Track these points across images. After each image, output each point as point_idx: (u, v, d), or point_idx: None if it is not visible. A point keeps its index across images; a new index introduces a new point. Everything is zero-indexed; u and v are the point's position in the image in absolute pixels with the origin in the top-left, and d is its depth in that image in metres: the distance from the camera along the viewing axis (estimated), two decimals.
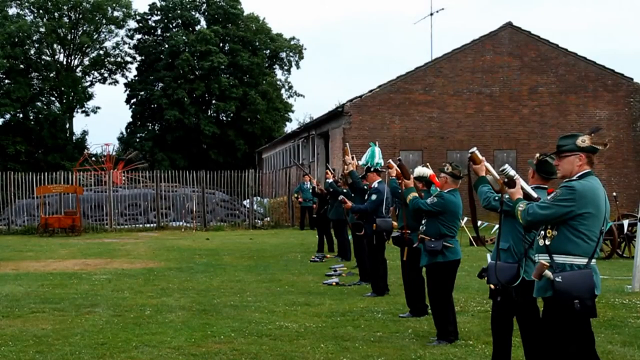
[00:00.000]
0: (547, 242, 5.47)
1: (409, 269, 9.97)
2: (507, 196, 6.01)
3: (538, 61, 30.32)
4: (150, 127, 56.61)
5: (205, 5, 56.61)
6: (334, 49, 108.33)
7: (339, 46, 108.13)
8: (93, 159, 37.50)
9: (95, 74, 58.17)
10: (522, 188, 5.88)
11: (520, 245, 6.45)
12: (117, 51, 57.87)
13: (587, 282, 5.32)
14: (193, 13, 56.53)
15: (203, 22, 56.58)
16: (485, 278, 6.73)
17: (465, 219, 16.06)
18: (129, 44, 57.75)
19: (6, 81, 51.82)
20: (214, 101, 55.09)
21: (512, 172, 5.87)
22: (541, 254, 5.52)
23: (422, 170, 9.65)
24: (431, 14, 34.93)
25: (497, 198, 6.46)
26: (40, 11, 54.08)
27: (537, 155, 6.44)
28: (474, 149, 6.52)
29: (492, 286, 6.63)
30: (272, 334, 8.90)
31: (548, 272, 5.41)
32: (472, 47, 30.22)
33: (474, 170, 6.56)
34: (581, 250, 5.37)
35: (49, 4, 53.23)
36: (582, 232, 5.36)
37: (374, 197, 11.81)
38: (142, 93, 55.78)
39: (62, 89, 55.12)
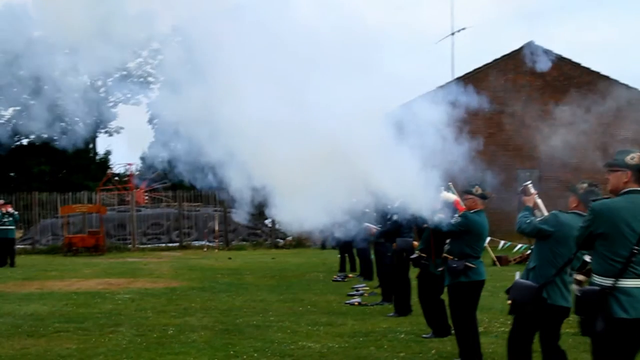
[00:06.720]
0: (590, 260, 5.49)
1: (424, 292, 9.95)
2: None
3: (561, 80, 30.21)
4: (172, 146, 56.78)
5: None
6: None
7: None
8: (116, 178, 37.73)
9: (118, 94, 58.67)
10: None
11: (546, 267, 6.32)
12: (140, 72, 58.39)
13: (597, 301, 5.15)
14: None
15: None
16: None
17: (489, 238, 15.92)
18: (152, 64, 58.18)
19: (31, 102, 52.42)
20: None
21: None
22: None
23: (446, 196, 9.32)
24: (452, 34, 34.91)
25: (528, 221, 6.50)
26: None
27: (584, 184, 6.43)
28: (529, 182, 6.90)
29: (509, 302, 6.57)
30: (294, 354, 8.90)
31: (575, 287, 5.44)
32: (494, 66, 30.19)
33: (523, 200, 6.84)
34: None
35: None
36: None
37: (395, 217, 11.77)
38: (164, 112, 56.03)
39: (86, 109, 55.60)
